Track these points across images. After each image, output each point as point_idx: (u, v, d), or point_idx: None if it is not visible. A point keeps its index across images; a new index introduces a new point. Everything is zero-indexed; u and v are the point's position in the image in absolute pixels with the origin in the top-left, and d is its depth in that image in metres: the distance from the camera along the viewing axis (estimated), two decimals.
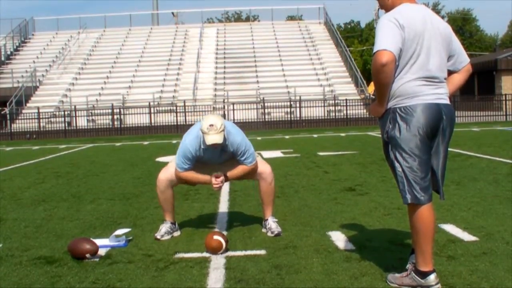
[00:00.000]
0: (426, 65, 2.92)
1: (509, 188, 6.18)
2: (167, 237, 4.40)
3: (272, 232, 4.38)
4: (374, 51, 2.82)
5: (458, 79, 3.13)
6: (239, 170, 4.41)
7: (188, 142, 4.28)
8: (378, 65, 2.79)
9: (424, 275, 2.99)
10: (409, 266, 3.11)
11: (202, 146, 4.24)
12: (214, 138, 4.06)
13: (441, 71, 2.99)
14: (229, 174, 4.40)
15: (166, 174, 4.46)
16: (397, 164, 2.97)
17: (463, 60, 3.12)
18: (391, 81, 2.90)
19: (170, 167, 4.47)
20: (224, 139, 4.17)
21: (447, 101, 3.00)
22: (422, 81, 2.92)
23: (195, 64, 31.36)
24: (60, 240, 4.46)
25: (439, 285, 3.00)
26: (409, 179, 2.93)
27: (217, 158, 4.41)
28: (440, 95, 2.97)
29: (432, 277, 2.99)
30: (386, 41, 2.80)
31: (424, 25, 2.92)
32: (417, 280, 3.01)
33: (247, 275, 3.38)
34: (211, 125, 4.07)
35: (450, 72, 3.11)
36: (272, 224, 4.46)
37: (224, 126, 4.14)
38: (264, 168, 4.50)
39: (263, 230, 4.51)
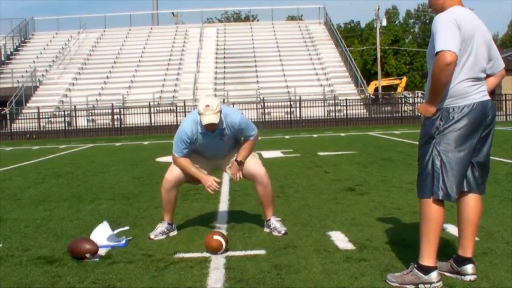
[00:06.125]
0: (474, 67, 3.06)
1: (509, 188, 6.18)
2: (161, 237, 4.40)
3: (279, 232, 4.38)
4: (438, 50, 2.90)
5: (493, 81, 3.31)
6: (246, 147, 4.46)
7: (185, 126, 4.35)
8: (442, 64, 2.89)
9: (427, 270, 3.01)
10: (411, 265, 3.13)
11: (200, 131, 4.29)
12: (210, 118, 4.10)
13: (483, 73, 3.16)
14: (240, 157, 4.41)
15: (172, 174, 4.45)
16: (437, 160, 3.06)
17: (499, 65, 3.28)
18: (450, 80, 3.00)
19: (176, 167, 4.48)
20: (221, 120, 4.22)
21: (489, 97, 3.18)
22: (471, 82, 3.06)
23: (195, 64, 31.39)
24: (60, 240, 4.46)
25: (440, 283, 3.02)
26: (448, 175, 3.03)
27: (217, 146, 4.41)
28: (484, 91, 3.15)
29: (434, 274, 3.01)
30: (449, 41, 2.91)
31: (473, 29, 3.05)
32: (420, 276, 3.03)
33: (247, 275, 3.38)
34: (207, 106, 4.12)
35: (487, 76, 3.25)
36: (276, 224, 4.47)
37: (220, 107, 4.19)
38: (259, 170, 4.46)
39: (266, 230, 4.51)
